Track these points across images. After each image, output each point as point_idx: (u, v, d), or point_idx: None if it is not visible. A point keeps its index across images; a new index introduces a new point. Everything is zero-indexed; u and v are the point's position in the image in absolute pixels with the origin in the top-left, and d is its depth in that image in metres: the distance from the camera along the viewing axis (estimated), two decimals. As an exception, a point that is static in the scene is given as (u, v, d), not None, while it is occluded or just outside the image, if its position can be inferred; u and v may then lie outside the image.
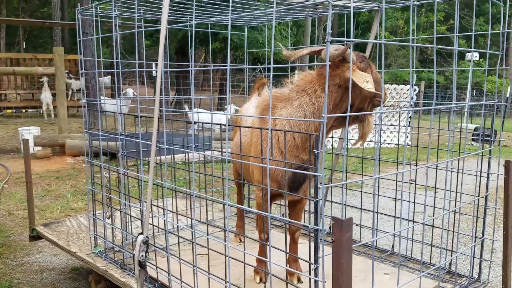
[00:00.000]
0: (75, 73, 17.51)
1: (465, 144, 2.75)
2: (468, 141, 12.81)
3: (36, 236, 4.21)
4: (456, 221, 3.07)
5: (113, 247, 3.40)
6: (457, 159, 2.91)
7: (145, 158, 2.76)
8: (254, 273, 3.02)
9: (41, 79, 15.52)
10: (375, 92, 2.38)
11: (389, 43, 1.96)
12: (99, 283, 3.68)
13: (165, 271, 2.82)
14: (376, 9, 3.27)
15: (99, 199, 3.65)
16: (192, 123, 2.46)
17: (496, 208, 3.13)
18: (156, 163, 2.68)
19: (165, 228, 2.76)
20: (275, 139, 2.62)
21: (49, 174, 8.39)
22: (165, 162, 2.67)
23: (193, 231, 2.55)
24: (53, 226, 4.22)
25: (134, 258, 2.61)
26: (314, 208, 1.93)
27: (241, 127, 2.84)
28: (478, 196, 2.95)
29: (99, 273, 3.36)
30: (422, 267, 3.27)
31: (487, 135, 3.12)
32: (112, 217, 3.51)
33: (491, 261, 3.12)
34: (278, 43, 2.68)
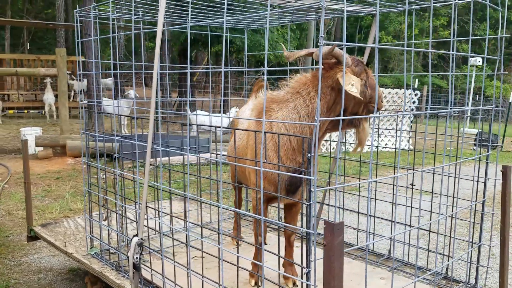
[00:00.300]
0: (77, 74, 17.56)
1: (461, 149, 2.74)
2: (470, 146, 12.78)
3: (33, 237, 4.21)
4: (453, 226, 3.05)
5: (109, 248, 3.40)
6: (454, 164, 2.90)
7: (141, 160, 2.76)
8: (250, 276, 3.01)
9: (45, 80, 15.57)
10: (360, 97, 2.35)
11: (383, 47, 1.95)
12: (95, 284, 3.68)
13: (159, 273, 2.81)
14: (373, 13, 3.26)
15: (96, 201, 3.65)
16: (187, 125, 2.45)
17: (494, 214, 3.11)
18: (152, 165, 2.68)
19: (160, 231, 2.76)
20: (272, 141, 2.61)
21: (49, 175, 8.40)
22: (160, 164, 2.67)
23: (187, 234, 2.54)
24: (50, 227, 4.22)
25: (128, 260, 2.61)
26: (306, 212, 1.92)
27: (235, 130, 2.83)
28: (475, 201, 2.94)
29: (94, 275, 3.36)
30: (419, 272, 3.26)
31: (490, 140, 3.10)
32: (108, 218, 3.51)
33: (488, 267, 3.10)
34: (281, 45, 2.68)
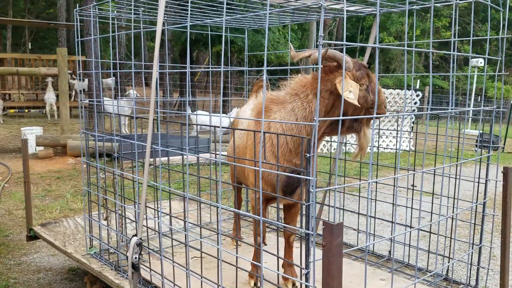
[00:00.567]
0: (77, 74, 17.58)
1: (462, 150, 2.72)
2: (472, 147, 12.75)
3: (33, 236, 4.20)
4: (454, 227, 3.04)
5: (108, 248, 3.39)
6: (455, 165, 2.88)
7: (141, 159, 2.75)
8: (249, 277, 2.99)
9: (46, 80, 15.58)
10: (357, 104, 2.25)
11: (383, 47, 1.94)
12: (94, 284, 3.67)
13: (158, 273, 2.80)
14: (374, 13, 3.25)
15: (95, 200, 3.65)
16: (186, 125, 2.44)
17: (495, 215, 3.10)
18: (151, 165, 2.67)
19: (159, 231, 2.75)
20: (269, 142, 2.60)
21: (50, 174, 8.40)
22: (159, 164, 2.66)
23: (186, 234, 2.53)
24: (50, 227, 4.21)
25: (128, 260, 2.60)
26: (305, 212, 1.91)
27: (234, 130, 2.82)
28: (476, 202, 2.92)
29: (94, 274, 3.35)
30: (419, 273, 3.24)
31: (490, 141, 3.09)
32: (108, 218, 3.50)
33: (489, 268, 3.08)
34: (289, 44, 2.62)
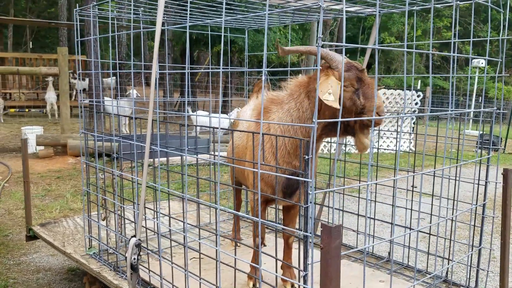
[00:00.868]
0: (77, 73, 17.58)
1: (462, 151, 2.71)
2: (473, 147, 12.72)
3: (32, 236, 4.20)
4: (454, 229, 3.03)
5: (107, 249, 3.38)
6: (455, 166, 2.87)
7: (140, 160, 2.74)
8: (248, 278, 2.99)
9: (47, 79, 15.59)
10: (337, 107, 2.11)
11: (383, 48, 1.93)
12: (93, 284, 3.67)
13: (157, 274, 2.79)
14: (374, 13, 3.24)
15: (95, 201, 3.64)
16: (185, 125, 2.44)
17: (494, 217, 3.09)
18: (150, 165, 2.66)
19: (157, 232, 2.74)
20: (269, 143, 2.59)
21: (50, 174, 8.40)
22: (158, 164, 2.65)
23: (185, 235, 2.52)
24: (49, 226, 4.21)
25: (126, 261, 2.60)
26: (303, 214, 1.90)
27: (233, 131, 2.82)
28: (475, 204, 2.91)
29: (93, 275, 3.34)
30: (419, 275, 3.23)
31: (490, 143, 3.08)
32: (107, 218, 3.50)
33: (488, 270, 3.07)
34: (276, 40, 2.59)
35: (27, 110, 16.28)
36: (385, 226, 5.71)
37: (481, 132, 3.48)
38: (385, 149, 3.85)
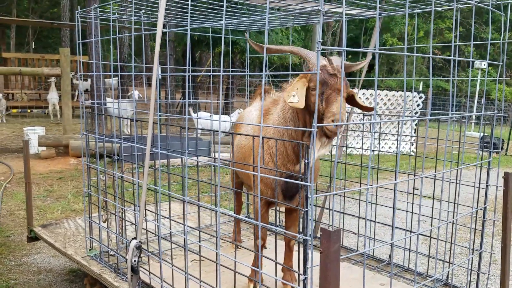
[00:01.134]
0: (79, 74, 17.60)
1: (462, 154, 2.71)
2: (474, 150, 12.70)
3: (34, 237, 4.21)
4: (454, 232, 3.02)
5: (108, 250, 3.39)
6: (456, 169, 2.87)
7: (141, 162, 2.75)
8: (248, 281, 2.99)
9: (49, 80, 15.61)
10: (299, 107, 2.12)
11: (383, 52, 1.93)
12: (94, 286, 3.67)
13: (158, 276, 2.80)
14: (375, 16, 3.23)
15: (96, 202, 3.65)
16: (185, 128, 2.44)
17: (495, 220, 3.08)
18: (151, 167, 2.67)
19: (158, 234, 2.74)
20: (266, 145, 2.62)
21: (52, 175, 8.41)
22: (159, 166, 2.66)
23: (185, 238, 2.52)
24: (51, 228, 4.22)
25: (127, 263, 2.60)
26: (303, 218, 1.90)
27: (233, 134, 2.82)
28: (476, 207, 2.91)
29: (93, 276, 3.35)
30: (419, 278, 3.23)
31: (491, 147, 3.07)
32: (108, 220, 3.50)
33: (489, 274, 3.06)
34: (246, 35, 2.61)
35: (29, 110, 16.31)
36: (386, 228, 5.70)
37: (483, 134, 3.48)
38: (386, 151, 3.85)
